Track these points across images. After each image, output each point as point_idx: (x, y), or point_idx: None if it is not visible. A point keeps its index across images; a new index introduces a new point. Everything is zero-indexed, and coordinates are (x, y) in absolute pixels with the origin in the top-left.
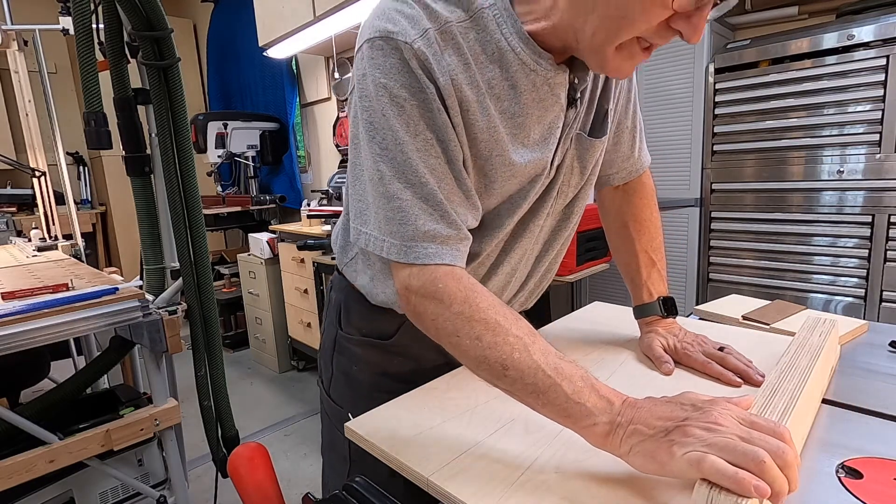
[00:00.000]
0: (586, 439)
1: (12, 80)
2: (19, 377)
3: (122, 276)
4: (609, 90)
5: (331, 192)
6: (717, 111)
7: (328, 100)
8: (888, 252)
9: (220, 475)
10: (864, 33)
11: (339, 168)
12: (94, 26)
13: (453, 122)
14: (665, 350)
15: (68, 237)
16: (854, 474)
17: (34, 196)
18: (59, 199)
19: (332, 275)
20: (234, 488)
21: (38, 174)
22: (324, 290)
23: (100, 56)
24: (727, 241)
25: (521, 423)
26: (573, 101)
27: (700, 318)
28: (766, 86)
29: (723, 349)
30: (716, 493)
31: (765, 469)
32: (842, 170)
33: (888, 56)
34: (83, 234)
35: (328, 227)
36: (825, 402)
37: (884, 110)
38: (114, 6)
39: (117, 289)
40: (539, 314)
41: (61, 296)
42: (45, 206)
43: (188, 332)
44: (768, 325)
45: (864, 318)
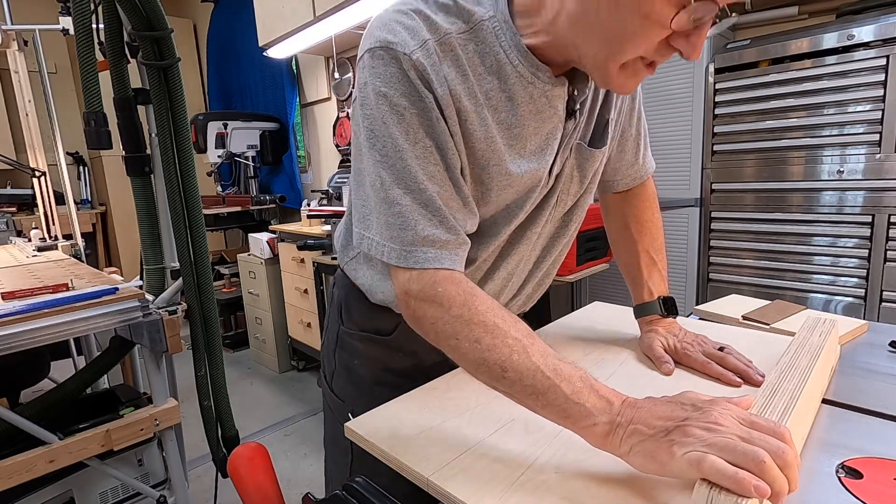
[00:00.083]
0: (586, 440)
1: (12, 80)
2: (19, 377)
3: (122, 276)
4: (610, 100)
5: (331, 192)
6: (717, 111)
7: (328, 100)
8: (888, 252)
9: (220, 475)
10: (864, 33)
11: (339, 168)
12: (94, 26)
13: (451, 131)
14: (665, 350)
15: (68, 237)
16: (854, 474)
17: (34, 196)
18: (59, 199)
19: (331, 274)
20: (234, 488)
21: (38, 174)
22: (324, 290)
23: (100, 56)
24: (727, 241)
25: (521, 423)
26: (572, 113)
27: (700, 318)
28: (766, 86)
29: (723, 349)
30: (716, 493)
31: (765, 469)
32: (842, 170)
33: (888, 56)
34: (83, 234)
35: (328, 227)
36: (825, 402)
37: (884, 110)
38: (114, 6)
39: (117, 289)
40: (539, 314)
41: (61, 296)
42: (45, 206)
43: (188, 332)
44: (768, 325)
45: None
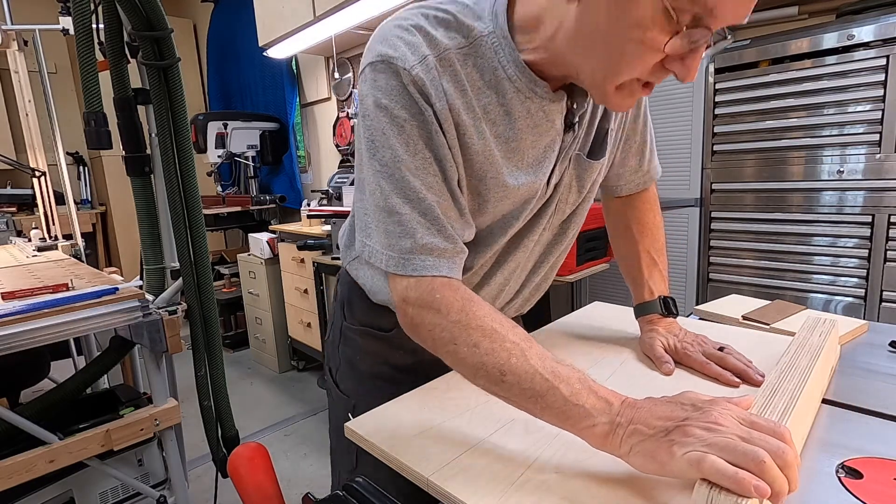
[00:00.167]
0: (586, 441)
1: (12, 80)
2: (19, 377)
3: (122, 276)
4: (610, 111)
5: (331, 192)
6: (717, 111)
7: (328, 100)
8: (888, 252)
9: (220, 475)
10: (864, 33)
11: (339, 168)
12: (94, 26)
13: (450, 144)
14: (665, 350)
15: (68, 237)
16: (854, 474)
17: (34, 196)
18: (59, 199)
19: (331, 274)
20: (234, 488)
21: (38, 174)
22: (324, 290)
23: (100, 56)
24: (727, 241)
25: (521, 423)
26: (571, 126)
27: (700, 318)
28: (766, 86)
29: (723, 349)
30: (716, 493)
31: (765, 469)
32: (842, 170)
33: (888, 56)
34: (83, 234)
35: (328, 227)
36: (825, 402)
37: (884, 110)
38: (114, 6)
39: (117, 289)
40: (539, 314)
41: (61, 296)
42: (45, 206)
43: (188, 332)
44: (768, 325)
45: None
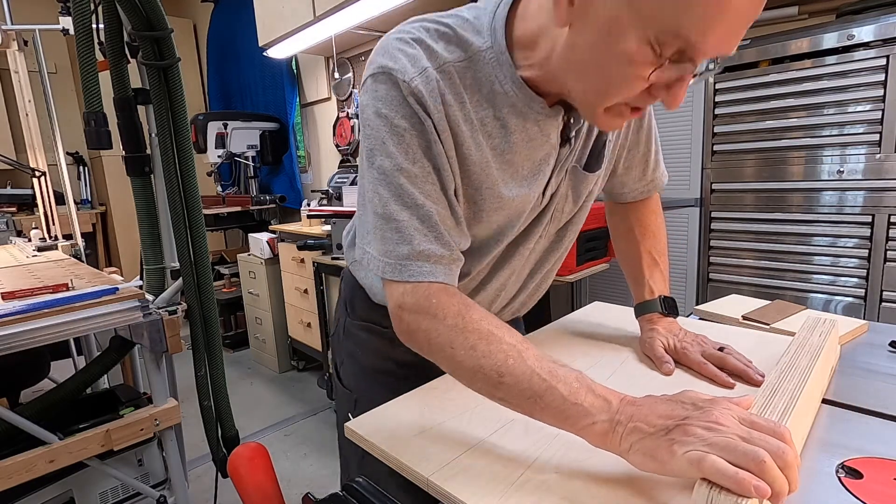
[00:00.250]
0: (586, 439)
1: (12, 80)
2: (19, 377)
3: (122, 276)
4: None
5: (331, 192)
6: (717, 111)
7: (328, 100)
8: (888, 252)
9: (220, 475)
10: (864, 33)
11: (339, 168)
12: (94, 26)
13: (448, 155)
14: (665, 350)
15: (68, 237)
16: (854, 474)
17: (34, 196)
18: (59, 199)
19: (331, 274)
20: (234, 488)
21: (38, 174)
22: (324, 290)
23: (100, 56)
24: (727, 241)
25: (521, 423)
26: (567, 140)
27: (700, 318)
28: (766, 86)
29: (723, 349)
30: (716, 493)
31: (765, 469)
32: (842, 170)
33: (888, 56)
34: (83, 234)
35: (328, 227)
36: (825, 402)
37: (884, 110)
38: (114, 6)
39: (117, 289)
40: (539, 314)
41: (61, 296)
42: (45, 206)
43: (188, 332)
44: (768, 325)
45: (864, 318)
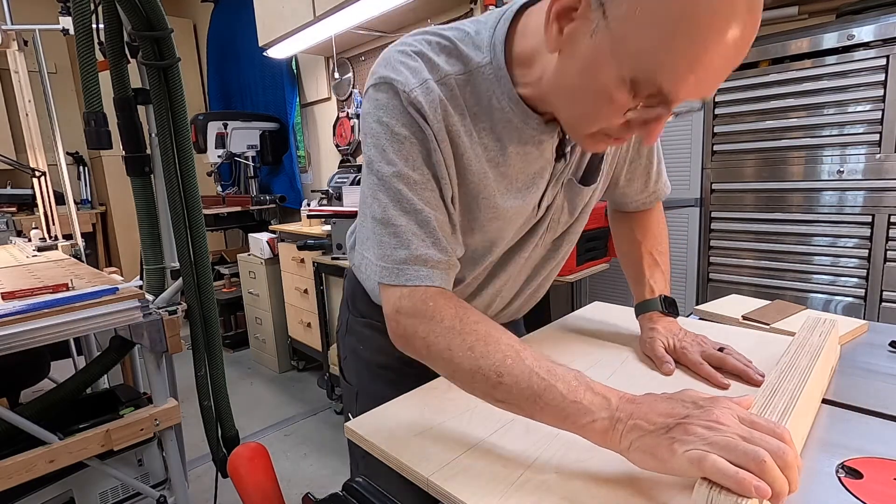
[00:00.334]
0: (586, 437)
1: (12, 80)
2: (19, 377)
3: (122, 276)
4: None
5: (331, 192)
6: (717, 111)
7: (328, 100)
8: (888, 252)
9: (220, 475)
10: (864, 33)
11: (339, 168)
12: (94, 26)
13: (446, 163)
14: (665, 350)
15: (68, 237)
16: (854, 474)
17: (34, 196)
18: (59, 199)
19: (331, 274)
20: (234, 488)
21: (38, 174)
22: (324, 290)
23: (100, 56)
24: (727, 241)
25: (521, 423)
26: (563, 155)
27: (700, 318)
28: (766, 86)
29: (723, 349)
30: (716, 493)
31: (765, 469)
32: (842, 170)
33: (888, 56)
34: (83, 234)
35: (328, 227)
36: (825, 402)
37: (884, 110)
38: (114, 6)
39: (117, 289)
40: (539, 314)
41: (61, 296)
42: (45, 206)
43: (188, 332)
44: (768, 325)
45: (864, 318)
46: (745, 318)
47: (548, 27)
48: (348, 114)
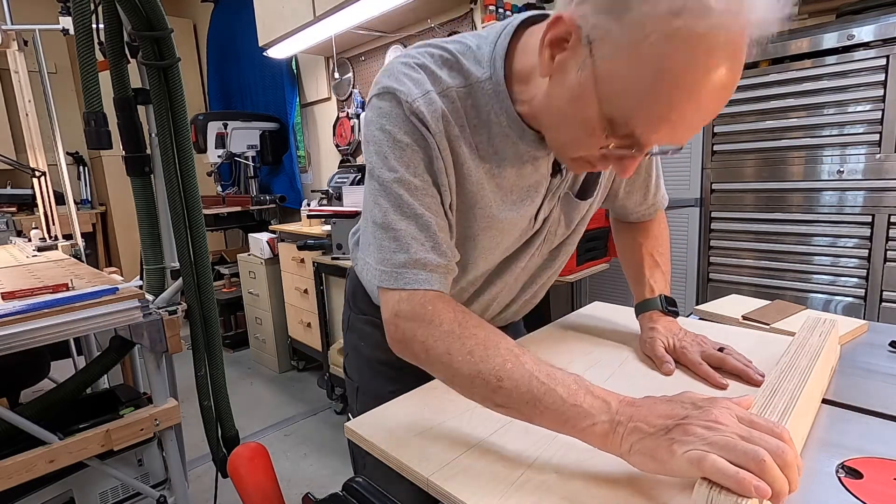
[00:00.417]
0: (587, 441)
1: (12, 80)
2: (19, 377)
3: (122, 276)
4: None
5: (331, 192)
6: None
7: (328, 100)
8: (888, 252)
9: (220, 475)
10: (864, 33)
11: (339, 168)
12: (94, 26)
13: (447, 172)
14: (666, 350)
15: (68, 237)
16: (854, 474)
17: (34, 196)
18: (59, 199)
19: (331, 274)
20: (234, 488)
21: (38, 174)
22: (324, 290)
23: (100, 56)
24: (727, 241)
25: (521, 424)
26: (559, 171)
27: (700, 318)
28: (766, 86)
29: (723, 350)
30: (716, 493)
31: (765, 469)
32: (842, 170)
33: (888, 56)
34: (83, 234)
35: (328, 227)
36: (825, 402)
37: (884, 110)
38: (114, 6)
39: (117, 289)
40: (539, 314)
41: (61, 296)
42: (45, 206)
43: (188, 332)
44: (768, 325)
45: (864, 318)
46: (745, 318)
47: (541, 52)
48: (348, 114)
